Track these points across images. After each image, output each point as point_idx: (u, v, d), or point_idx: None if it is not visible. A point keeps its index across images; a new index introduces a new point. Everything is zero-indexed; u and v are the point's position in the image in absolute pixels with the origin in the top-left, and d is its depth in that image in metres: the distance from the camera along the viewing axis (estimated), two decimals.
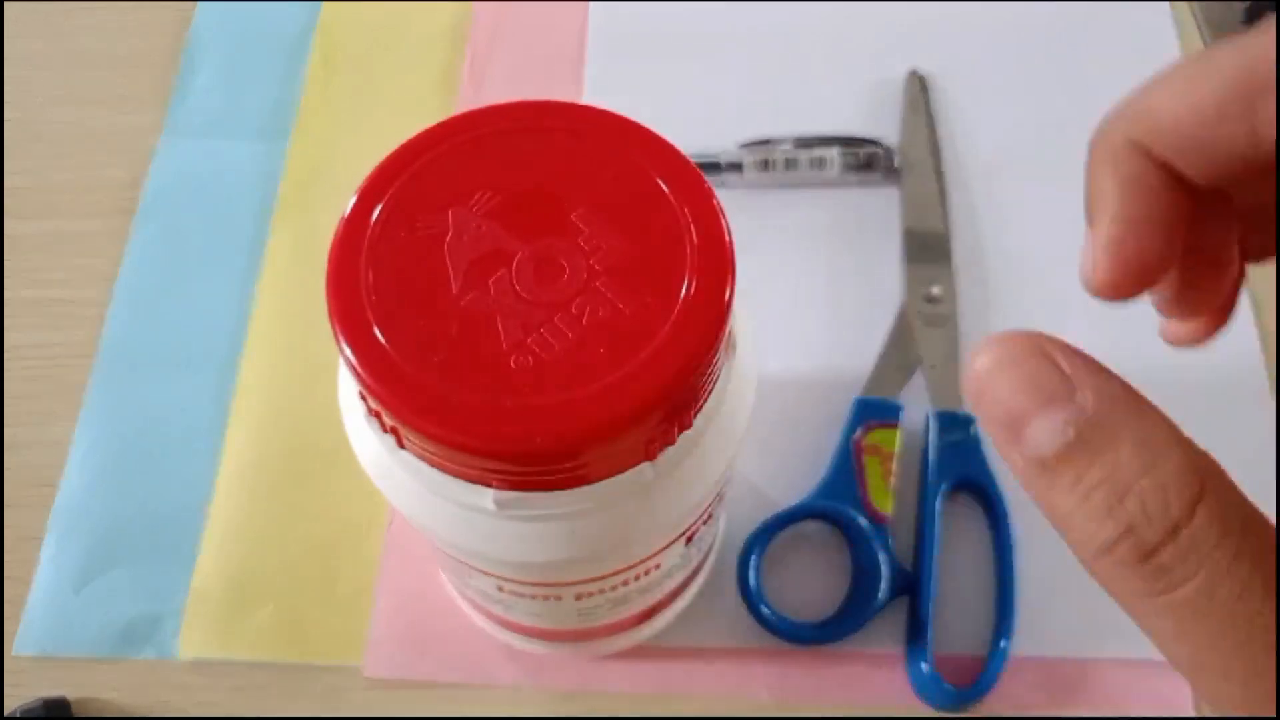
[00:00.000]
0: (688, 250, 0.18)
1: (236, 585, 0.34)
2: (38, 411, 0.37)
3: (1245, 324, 0.38)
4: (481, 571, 0.23)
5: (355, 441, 0.21)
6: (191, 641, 0.33)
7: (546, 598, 0.24)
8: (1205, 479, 0.13)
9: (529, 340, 0.17)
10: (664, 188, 0.19)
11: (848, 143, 0.40)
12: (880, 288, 0.38)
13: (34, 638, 0.33)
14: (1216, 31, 0.45)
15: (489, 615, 0.30)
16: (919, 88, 0.42)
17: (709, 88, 0.43)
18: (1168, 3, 0.44)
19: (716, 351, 0.18)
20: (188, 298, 0.39)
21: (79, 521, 0.35)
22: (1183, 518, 0.12)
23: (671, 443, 0.18)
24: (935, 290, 0.38)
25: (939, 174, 0.40)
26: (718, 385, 0.19)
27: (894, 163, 0.41)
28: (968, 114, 0.42)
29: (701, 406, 0.19)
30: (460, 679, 0.32)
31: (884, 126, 0.42)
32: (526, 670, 0.32)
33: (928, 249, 0.39)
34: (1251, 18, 1.08)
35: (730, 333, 0.20)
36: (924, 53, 0.43)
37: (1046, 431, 0.13)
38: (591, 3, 0.45)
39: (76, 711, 0.32)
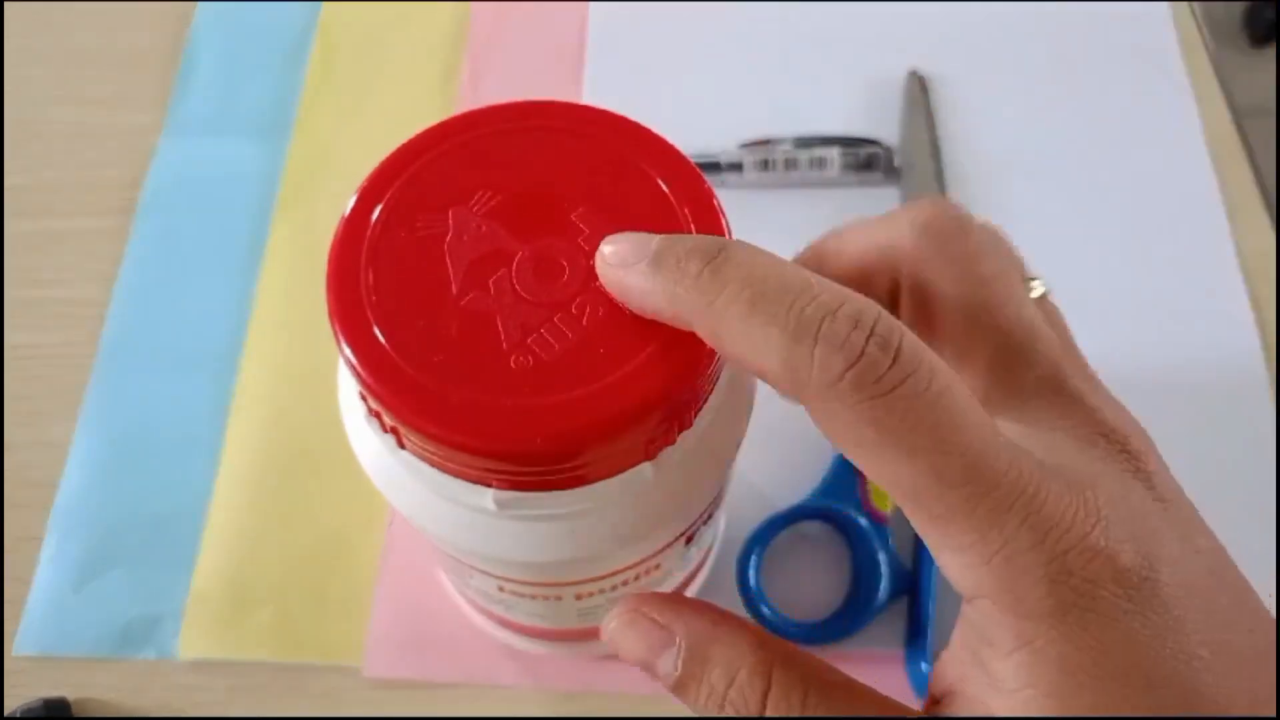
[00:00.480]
0: None
1: (236, 585, 0.34)
2: (38, 411, 0.37)
3: (1245, 324, 0.38)
4: (482, 571, 0.23)
5: (355, 442, 0.21)
6: (191, 641, 0.33)
7: (547, 598, 0.24)
8: (771, 671, 0.18)
9: (529, 340, 0.17)
10: (664, 188, 0.19)
11: (848, 143, 0.40)
12: None
13: (34, 638, 0.33)
14: (1216, 31, 0.45)
15: (489, 615, 0.30)
16: (919, 88, 0.42)
17: (709, 88, 0.43)
18: (1167, 3, 0.44)
19: (712, 355, 0.18)
20: (188, 298, 0.39)
21: (79, 521, 0.35)
22: (760, 709, 0.17)
23: (671, 443, 0.18)
24: None
25: (939, 174, 0.40)
26: (718, 385, 0.19)
27: (894, 163, 0.41)
28: (968, 114, 0.42)
29: (702, 406, 0.19)
30: (460, 679, 0.32)
31: (884, 126, 0.42)
32: (526, 670, 0.32)
33: None
34: (1252, 18, 1.08)
35: None
36: (924, 53, 0.43)
37: (665, 669, 0.18)
38: (591, 3, 0.45)
39: (76, 711, 0.32)
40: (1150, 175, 0.41)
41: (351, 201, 0.19)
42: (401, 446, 0.18)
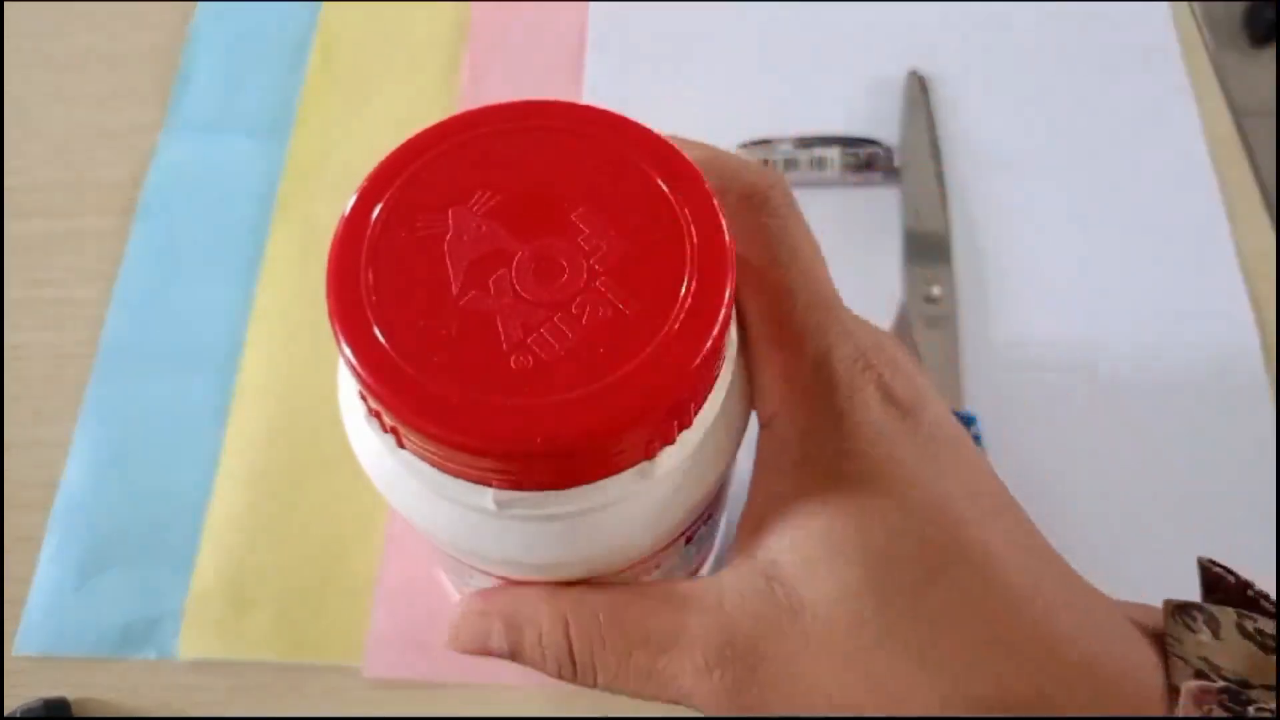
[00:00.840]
0: (688, 250, 0.18)
1: (236, 585, 0.34)
2: (38, 411, 0.37)
3: (1245, 324, 0.38)
4: (482, 572, 0.23)
5: (355, 441, 0.21)
6: (191, 641, 0.33)
7: None
8: (565, 611, 0.20)
9: (529, 340, 0.17)
10: (664, 188, 0.19)
11: (848, 143, 0.40)
12: (880, 288, 0.38)
13: (34, 638, 0.33)
14: (1216, 31, 0.45)
15: None
16: (919, 88, 0.42)
17: (709, 88, 0.43)
18: (1167, 2, 0.44)
19: (717, 351, 0.18)
20: (188, 297, 0.39)
21: (79, 521, 0.35)
22: (568, 644, 0.20)
23: (671, 442, 0.18)
24: (935, 291, 0.38)
25: (939, 174, 0.40)
26: (719, 384, 0.19)
27: (894, 163, 0.41)
28: (968, 114, 0.42)
29: (702, 406, 0.19)
30: (460, 679, 0.32)
31: (884, 126, 0.42)
32: (526, 670, 0.32)
33: (928, 249, 0.39)
34: (1252, 18, 1.08)
35: (732, 332, 0.20)
36: (924, 53, 0.43)
37: (498, 647, 0.21)
38: (591, 3, 0.45)
39: (76, 711, 0.32)
40: (1150, 175, 0.41)
41: (351, 201, 0.19)
42: (401, 446, 0.18)
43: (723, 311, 0.17)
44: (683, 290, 0.18)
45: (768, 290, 0.20)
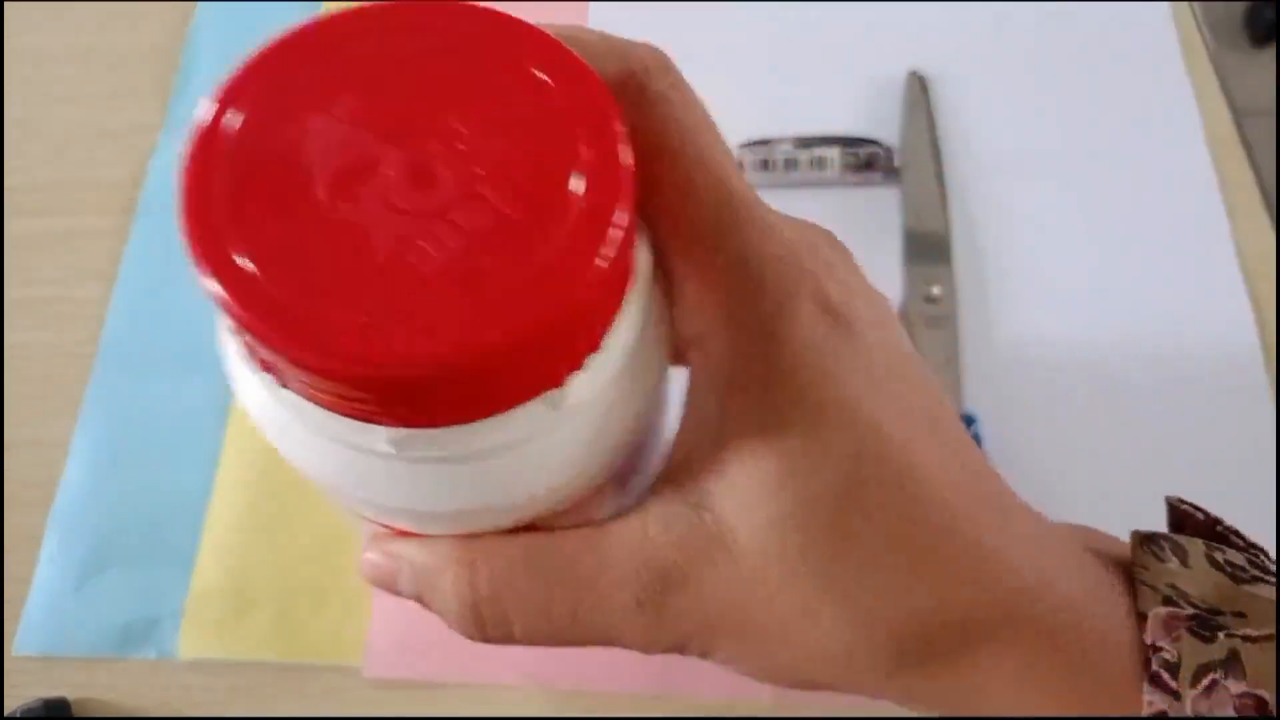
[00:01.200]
0: (580, 149, 0.16)
1: (236, 585, 0.34)
2: (38, 411, 0.37)
3: (1245, 324, 0.38)
4: (383, 526, 0.21)
5: (239, 389, 0.19)
6: (191, 641, 0.33)
7: None
8: (474, 560, 0.19)
9: (407, 254, 0.15)
10: (550, 83, 0.17)
11: (848, 143, 0.40)
12: (880, 288, 0.38)
13: (34, 638, 0.33)
14: (1216, 31, 0.45)
15: None
16: (919, 88, 0.42)
17: (709, 88, 0.43)
18: (1167, 2, 0.44)
19: (621, 260, 0.16)
20: (188, 297, 0.39)
21: (79, 521, 0.35)
22: (473, 590, 0.19)
23: (577, 368, 0.17)
24: (935, 290, 0.38)
25: (939, 174, 0.40)
26: (631, 305, 0.18)
27: (894, 163, 0.41)
28: (968, 114, 0.42)
29: (609, 327, 0.17)
30: (460, 679, 0.32)
31: (884, 126, 0.42)
32: (526, 670, 0.32)
33: (928, 249, 0.39)
34: (1252, 18, 1.08)
35: (642, 246, 0.18)
36: (924, 53, 0.43)
37: (405, 589, 0.20)
38: (591, 3, 0.45)
39: (76, 711, 0.32)
40: (1150, 175, 0.41)
41: (202, 113, 0.16)
42: (284, 386, 0.16)
43: (618, 213, 0.16)
44: (574, 191, 0.16)
45: (668, 191, 0.18)
